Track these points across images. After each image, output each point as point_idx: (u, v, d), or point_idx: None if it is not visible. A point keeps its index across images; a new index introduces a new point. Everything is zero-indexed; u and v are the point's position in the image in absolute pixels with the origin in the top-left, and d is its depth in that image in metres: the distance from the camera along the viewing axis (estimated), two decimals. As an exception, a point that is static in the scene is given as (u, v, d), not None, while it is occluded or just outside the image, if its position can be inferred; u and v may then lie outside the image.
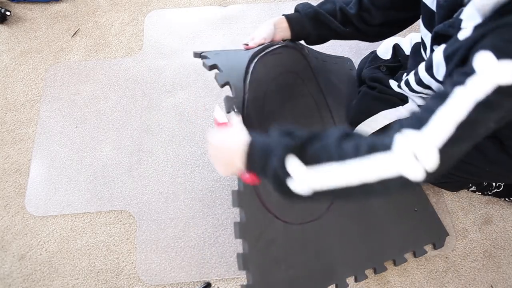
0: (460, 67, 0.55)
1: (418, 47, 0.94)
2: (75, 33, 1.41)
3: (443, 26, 0.65)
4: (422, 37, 0.79)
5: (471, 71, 0.50)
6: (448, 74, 0.63)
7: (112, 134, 1.23)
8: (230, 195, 1.13)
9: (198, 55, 0.85)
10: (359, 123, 0.95)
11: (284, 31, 0.86)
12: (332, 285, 0.94)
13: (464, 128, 0.49)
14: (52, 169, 1.17)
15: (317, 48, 1.01)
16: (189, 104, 1.27)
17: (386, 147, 0.50)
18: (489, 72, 0.48)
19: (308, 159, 0.53)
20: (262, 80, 0.83)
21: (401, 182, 0.50)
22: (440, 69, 0.66)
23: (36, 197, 1.14)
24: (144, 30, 1.41)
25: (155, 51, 1.37)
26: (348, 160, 0.51)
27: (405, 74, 0.89)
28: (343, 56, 1.20)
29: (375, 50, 1.09)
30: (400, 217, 1.02)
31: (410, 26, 0.92)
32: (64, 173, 1.17)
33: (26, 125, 1.25)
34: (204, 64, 0.80)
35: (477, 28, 0.55)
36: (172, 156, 1.19)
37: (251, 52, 0.85)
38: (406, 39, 1.03)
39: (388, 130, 0.53)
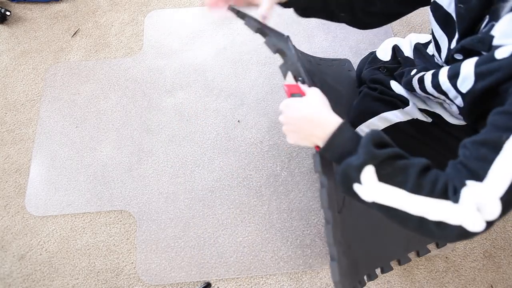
0: (498, 98, 0.52)
1: (420, 47, 0.93)
2: (75, 33, 1.41)
3: (471, 41, 0.62)
4: (437, 38, 0.76)
5: None
6: (480, 93, 0.60)
7: (112, 134, 1.23)
8: (230, 195, 1.13)
9: (242, 14, 0.78)
10: (360, 124, 0.94)
11: None
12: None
13: None
14: (52, 169, 1.17)
15: (317, 47, 1.00)
16: (189, 104, 1.27)
17: (455, 198, 0.50)
18: None
19: (384, 175, 0.53)
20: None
21: (460, 233, 0.51)
22: (466, 82, 0.63)
23: (36, 197, 1.14)
24: (144, 30, 1.41)
25: (155, 51, 1.37)
26: (419, 195, 0.52)
27: (414, 71, 0.87)
28: (340, 58, 1.20)
29: (375, 51, 1.09)
30: None
31: (410, 26, 0.91)
32: (64, 173, 1.17)
33: (26, 125, 1.25)
34: (268, 43, 0.73)
35: None
36: (172, 156, 1.19)
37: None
38: (406, 40, 1.03)
39: (454, 170, 0.53)
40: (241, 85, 1.29)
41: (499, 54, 0.55)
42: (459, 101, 0.70)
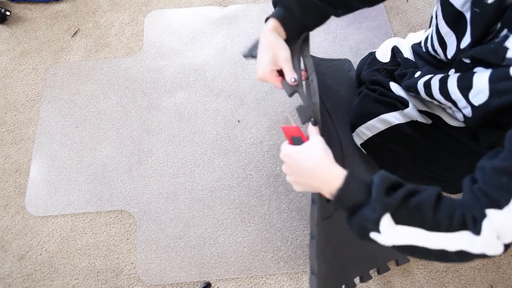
0: None
1: (416, 48, 0.93)
2: (75, 33, 1.41)
3: (483, 51, 0.61)
4: (443, 34, 0.74)
5: None
6: (494, 109, 0.59)
7: (112, 134, 1.23)
8: (230, 195, 1.13)
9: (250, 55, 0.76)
10: (360, 125, 0.94)
11: (284, 48, 0.72)
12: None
13: None
14: (52, 169, 1.17)
15: (317, 47, 1.00)
16: (189, 104, 1.27)
17: (476, 230, 0.51)
18: None
19: (400, 218, 0.53)
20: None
21: (479, 257, 0.52)
22: (479, 96, 0.62)
23: (36, 197, 1.14)
24: (144, 30, 1.41)
25: (155, 51, 1.37)
26: (438, 232, 0.52)
27: (418, 73, 0.85)
28: (340, 58, 1.19)
29: (374, 52, 1.08)
30: None
31: (410, 26, 0.90)
32: (64, 173, 1.17)
33: (26, 125, 1.25)
34: (285, 88, 0.70)
35: None
36: (172, 156, 1.19)
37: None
38: (405, 41, 1.02)
39: (472, 197, 0.54)
40: (241, 85, 1.29)
41: None
42: (467, 111, 0.69)
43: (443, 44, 0.76)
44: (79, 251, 1.07)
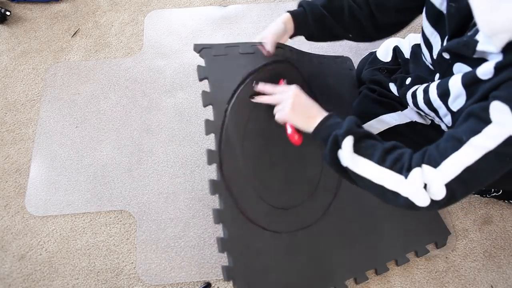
0: (478, 106, 0.57)
1: (416, 50, 0.93)
2: (75, 33, 1.41)
3: (457, 44, 0.64)
4: (427, 36, 0.77)
5: (488, 120, 0.54)
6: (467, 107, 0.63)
7: (112, 134, 1.23)
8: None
9: (198, 50, 0.84)
10: None
11: (290, 31, 0.85)
12: None
13: (470, 171, 0.57)
14: (52, 169, 1.17)
15: (317, 48, 1.00)
16: (189, 104, 1.27)
17: (406, 175, 0.61)
18: (503, 125, 0.53)
19: (358, 148, 0.66)
20: (249, 102, 0.84)
21: (407, 203, 0.62)
22: (458, 101, 0.66)
23: (36, 197, 1.14)
24: (144, 30, 1.41)
25: (155, 51, 1.37)
26: (382, 167, 0.64)
27: (408, 79, 0.87)
28: (342, 56, 1.19)
29: (375, 51, 1.08)
30: (402, 216, 1.02)
31: (410, 26, 0.91)
32: (64, 173, 1.17)
33: (26, 125, 1.25)
34: (198, 71, 0.82)
35: (498, 70, 0.55)
36: (172, 156, 1.19)
37: (250, 63, 0.84)
38: (405, 41, 1.02)
39: (421, 153, 0.63)
40: (241, 85, 1.29)
41: (482, 73, 0.58)
42: (448, 119, 0.72)
43: (429, 46, 0.78)
44: (79, 251, 1.07)
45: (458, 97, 0.65)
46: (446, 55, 0.69)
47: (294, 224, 0.90)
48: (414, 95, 0.81)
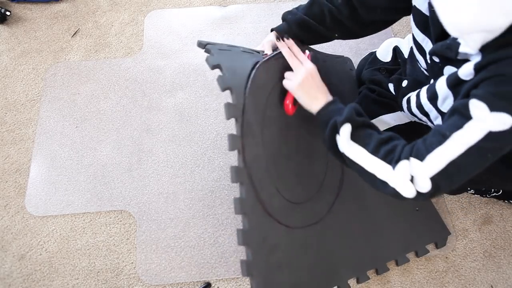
0: (460, 103, 0.59)
1: (413, 53, 0.93)
2: (75, 33, 1.41)
3: (440, 47, 0.66)
4: (419, 42, 0.78)
5: (468, 116, 0.57)
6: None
7: (112, 134, 1.23)
8: (230, 195, 1.13)
9: (203, 46, 0.83)
10: None
11: None
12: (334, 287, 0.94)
13: (454, 165, 0.59)
14: (52, 169, 1.17)
15: (318, 47, 1.00)
16: (189, 104, 1.27)
17: (394, 166, 0.64)
18: (483, 121, 0.56)
19: (355, 136, 0.69)
20: (264, 86, 0.82)
21: (394, 193, 0.65)
22: (447, 102, 0.68)
23: (36, 197, 1.14)
24: (144, 30, 1.41)
25: (155, 51, 1.37)
26: (374, 156, 0.66)
27: (405, 82, 0.88)
28: (343, 56, 1.20)
29: (375, 51, 1.08)
30: (402, 216, 1.02)
31: (410, 26, 0.91)
32: (64, 173, 1.17)
33: (26, 125, 1.25)
34: (207, 61, 0.79)
35: (477, 70, 0.57)
36: (172, 156, 1.19)
37: (254, 57, 0.84)
38: (405, 41, 1.02)
39: (411, 146, 0.65)
40: (241, 85, 1.29)
41: (463, 74, 0.61)
42: (439, 122, 0.73)
43: (422, 51, 0.79)
44: (79, 251, 1.07)
45: (446, 98, 0.67)
46: (436, 59, 0.70)
47: (303, 220, 0.89)
48: (408, 101, 0.83)
